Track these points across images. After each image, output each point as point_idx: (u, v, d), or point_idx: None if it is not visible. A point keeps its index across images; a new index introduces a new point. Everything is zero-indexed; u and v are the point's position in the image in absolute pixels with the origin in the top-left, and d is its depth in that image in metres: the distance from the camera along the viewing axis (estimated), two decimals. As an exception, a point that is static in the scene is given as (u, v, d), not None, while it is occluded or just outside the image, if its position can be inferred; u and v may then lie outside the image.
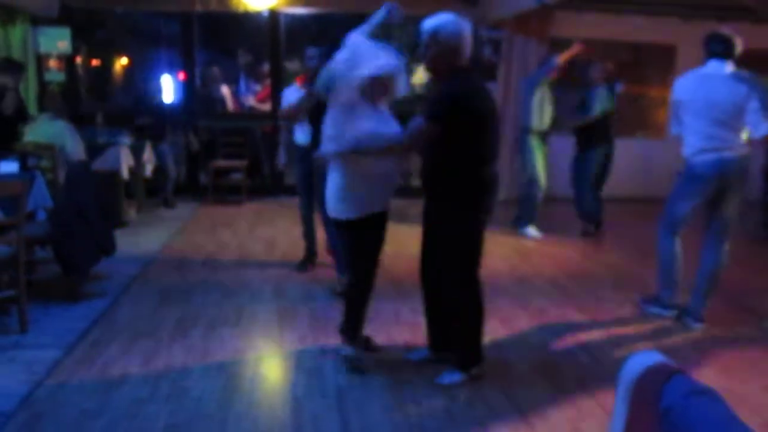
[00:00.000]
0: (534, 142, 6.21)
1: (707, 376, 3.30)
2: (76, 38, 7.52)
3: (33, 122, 5.56)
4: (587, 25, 7.93)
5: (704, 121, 3.80)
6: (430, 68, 3.13)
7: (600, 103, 6.01)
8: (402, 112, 3.46)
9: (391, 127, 3.08)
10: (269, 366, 3.39)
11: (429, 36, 3.01)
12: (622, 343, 3.78)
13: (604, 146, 6.23)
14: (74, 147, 5.32)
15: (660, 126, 8.38)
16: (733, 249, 4.03)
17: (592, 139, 6.18)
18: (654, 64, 8.63)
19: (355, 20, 3.44)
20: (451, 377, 3.18)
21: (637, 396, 1.67)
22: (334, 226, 3.38)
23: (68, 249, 4.10)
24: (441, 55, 3.01)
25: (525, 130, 6.26)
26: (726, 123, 3.76)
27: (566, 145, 6.62)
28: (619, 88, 6.37)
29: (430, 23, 3.03)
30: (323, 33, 12.39)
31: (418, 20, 3.17)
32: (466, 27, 3.03)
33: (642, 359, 1.73)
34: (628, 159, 8.53)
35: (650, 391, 1.61)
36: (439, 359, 3.35)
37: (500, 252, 5.74)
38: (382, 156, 3.08)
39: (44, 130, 5.33)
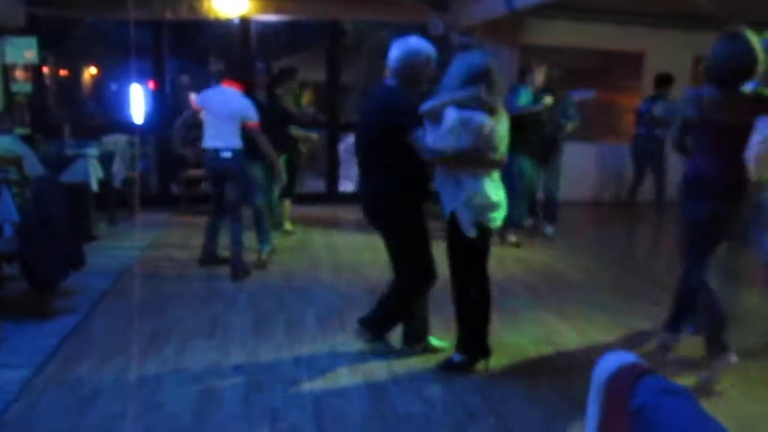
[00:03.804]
0: None
1: (679, 376, 3.36)
2: (43, 48, 7.40)
3: None
4: (557, 33, 8.04)
5: None
6: None
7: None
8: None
9: None
10: (245, 377, 3.36)
11: None
12: (595, 345, 3.82)
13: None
14: (28, 160, 5.22)
15: (629, 131, 8.51)
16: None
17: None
18: (623, 71, 8.77)
19: (325, 28, 3.52)
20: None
21: (610, 396, 1.69)
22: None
23: (36, 264, 4.02)
24: None
25: None
26: None
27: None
28: (584, 95, 6.43)
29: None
30: (294, 40, 12.38)
31: (393, 27, 3.23)
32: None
33: (614, 360, 1.75)
34: (598, 163, 8.68)
35: (622, 391, 1.63)
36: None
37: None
38: None
39: None
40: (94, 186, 6.19)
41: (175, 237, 6.43)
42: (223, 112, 4.84)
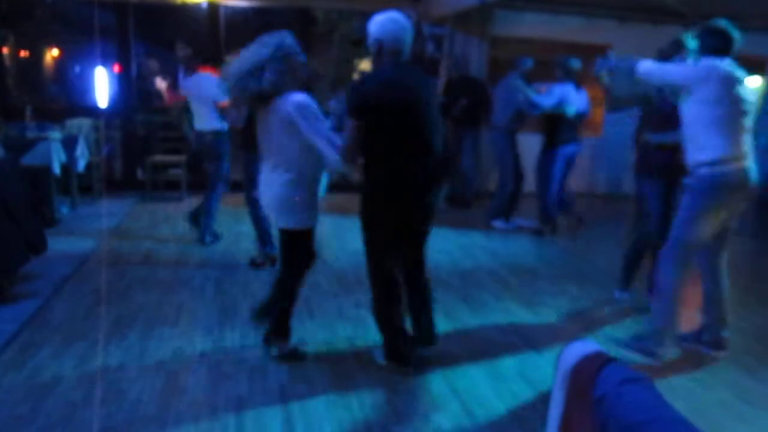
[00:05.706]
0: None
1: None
2: (2, 27, 7.18)
3: None
4: (526, 25, 8.10)
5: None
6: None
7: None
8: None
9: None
10: (210, 364, 3.33)
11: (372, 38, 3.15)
12: (559, 334, 3.89)
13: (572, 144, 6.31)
14: None
15: (596, 124, 8.62)
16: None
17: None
18: (590, 64, 8.88)
19: (296, 15, 3.43)
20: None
21: (574, 385, 1.72)
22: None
23: (-5, 248, 3.92)
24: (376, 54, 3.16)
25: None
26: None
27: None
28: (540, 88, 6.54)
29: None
30: (264, 27, 12.22)
31: (364, 16, 3.20)
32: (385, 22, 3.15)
33: (578, 348, 1.78)
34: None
35: (585, 380, 1.66)
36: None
37: (442, 247, 5.81)
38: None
39: None
40: (57, 170, 6.05)
41: (141, 223, 6.33)
42: (200, 96, 5.31)
